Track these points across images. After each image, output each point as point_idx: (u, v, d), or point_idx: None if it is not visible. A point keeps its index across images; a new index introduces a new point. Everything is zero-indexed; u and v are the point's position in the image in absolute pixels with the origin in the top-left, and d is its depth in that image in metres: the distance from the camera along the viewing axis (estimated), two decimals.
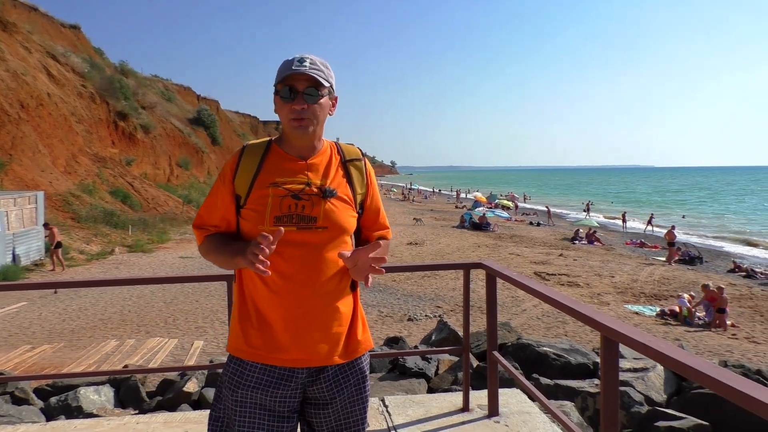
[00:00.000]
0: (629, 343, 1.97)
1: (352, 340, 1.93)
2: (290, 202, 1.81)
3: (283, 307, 1.81)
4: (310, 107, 1.79)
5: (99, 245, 22.67)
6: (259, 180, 1.85)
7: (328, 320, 1.85)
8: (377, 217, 2.05)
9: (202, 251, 1.96)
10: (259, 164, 1.87)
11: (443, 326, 8.39)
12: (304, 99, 1.77)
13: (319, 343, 1.83)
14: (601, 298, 15.04)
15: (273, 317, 1.81)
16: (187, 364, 8.92)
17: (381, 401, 3.78)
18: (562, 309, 2.52)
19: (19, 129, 25.97)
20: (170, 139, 47.74)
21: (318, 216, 1.82)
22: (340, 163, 1.94)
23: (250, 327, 1.84)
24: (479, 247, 24.24)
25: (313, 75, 1.77)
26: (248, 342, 1.84)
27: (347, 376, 1.90)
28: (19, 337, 11.01)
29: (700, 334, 12.11)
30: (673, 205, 65.43)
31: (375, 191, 2.03)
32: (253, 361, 1.82)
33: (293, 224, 1.80)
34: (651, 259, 23.59)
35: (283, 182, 1.84)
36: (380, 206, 2.06)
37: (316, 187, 1.84)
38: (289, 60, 1.81)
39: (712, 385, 1.56)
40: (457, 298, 14.28)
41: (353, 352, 1.92)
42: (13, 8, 37.83)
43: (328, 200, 1.84)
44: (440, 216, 42.92)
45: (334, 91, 1.89)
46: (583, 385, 6.01)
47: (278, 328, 1.81)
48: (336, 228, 1.84)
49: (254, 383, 1.80)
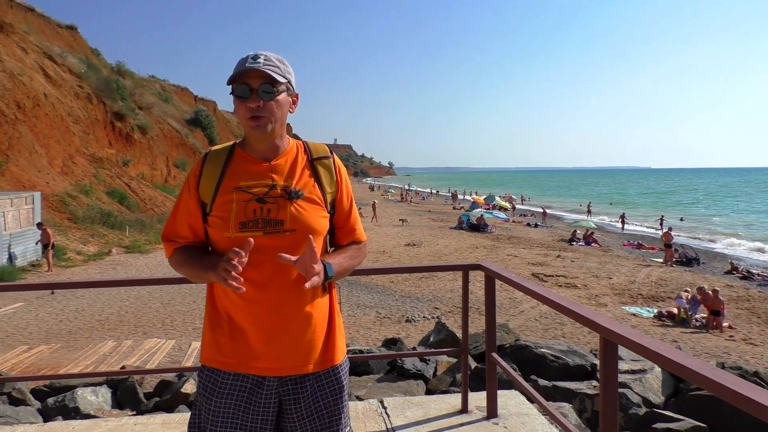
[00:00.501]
0: (628, 345, 1.97)
1: (328, 348, 1.86)
2: (255, 206, 1.75)
3: (253, 314, 1.76)
4: (267, 105, 1.72)
5: (96, 246, 22.63)
6: (223, 185, 1.79)
7: (300, 327, 1.79)
8: (349, 217, 1.96)
9: (172, 264, 1.89)
10: (222, 169, 1.81)
11: (441, 328, 8.39)
12: (259, 96, 1.71)
13: (291, 351, 1.78)
14: (598, 300, 15.07)
15: (244, 325, 1.77)
16: (184, 365, 8.90)
17: (380, 403, 3.78)
18: (561, 310, 2.53)
19: (15, 129, 25.90)
20: (167, 139, 47.67)
21: (285, 219, 1.76)
22: (308, 162, 1.87)
23: (221, 335, 1.80)
24: (477, 249, 24.27)
25: (268, 71, 1.70)
26: (220, 351, 1.79)
27: (323, 385, 1.84)
28: (15, 337, 10.99)
29: (697, 335, 12.14)
30: (670, 206, 65.57)
31: (346, 189, 1.95)
32: (226, 370, 1.78)
33: (259, 229, 1.74)
34: (648, 261, 23.63)
35: (247, 186, 1.78)
36: (353, 205, 1.99)
37: (281, 189, 1.78)
38: (243, 58, 1.75)
39: (710, 387, 1.57)
40: (455, 300, 14.28)
41: (329, 360, 1.86)
42: (10, 9, 37.76)
43: (294, 202, 1.77)
44: (438, 217, 42.94)
45: (294, 87, 1.83)
46: (581, 387, 6.02)
47: (250, 336, 1.76)
48: (305, 230, 1.76)
49: (227, 391, 1.76)
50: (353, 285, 15.46)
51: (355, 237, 1.99)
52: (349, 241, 1.98)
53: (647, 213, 51.48)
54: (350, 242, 1.98)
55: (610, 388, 2.15)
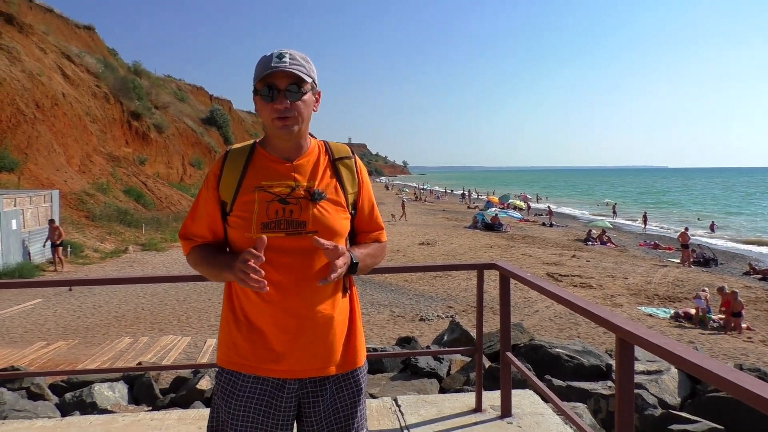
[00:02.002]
0: (645, 345, 1.95)
1: (349, 350, 1.84)
2: (277, 206, 1.73)
3: (274, 316, 1.73)
4: (294, 105, 1.69)
5: (113, 243, 22.87)
6: (244, 185, 1.76)
7: (322, 329, 1.77)
8: (371, 218, 1.94)
9: (189, 262, 1.88)
10: (244, 168, 1.78)
11: (455, 326, 8.38)
12: (286, 97, 1.68)
13: (312, 353, 1.76)
14: (614, 300, 14.95)
15: (264, 327, 1.74)
16: (200, 362, 8.97)
17: (393, 401, 3.78)
18: (576, 310, 2.51)
19: (34, 129, 26.25)
20: (183, 138, 48.05)
21: (307, 220, 1.73)
22: (329, 162, 1.84)
23: (240, 337, 1.77)
24: (491, 248, 24.18)
25: (294, 71, 1.67)
26: (239, 353, 1.77)
27: (341, 388, 1.82)
28: (34, 333, 11.14)
29: (714, 337, 12.00)
30: (690, 205, 64.85)
31: (367, 190, 1.92)
32: (245, 372, 1.76)
33: (281, 230, 1.71)
34: (665, 261, 23.40)
35: (269, 186, 1.75)
36: (374, 205, 1.96)
37: (303, 190, 1.75)
38: (267, 56, 1.71)
39: (728, 388, 1.55)
40: (469, 299, 14.25)
41: (350, 363, 1.84)
42: (29, 10, 38.30)
43: (317, 203, 1.75)
44: (452, 216, 42.84)
45: (317, 86, 1.79)
46: (596, 387, 5.98)
47: (270, 339, 1.74)
48: (327, 232, 1.73)
49: (247, 394, 1.74)
50: (367, 283, 15.47)
51: (376, 238, 1.97)
52: (372, 240, 1.96)
53: (673, 214, 50.84)
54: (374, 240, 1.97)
55: (626, 389, 2.13)
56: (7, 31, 31.23)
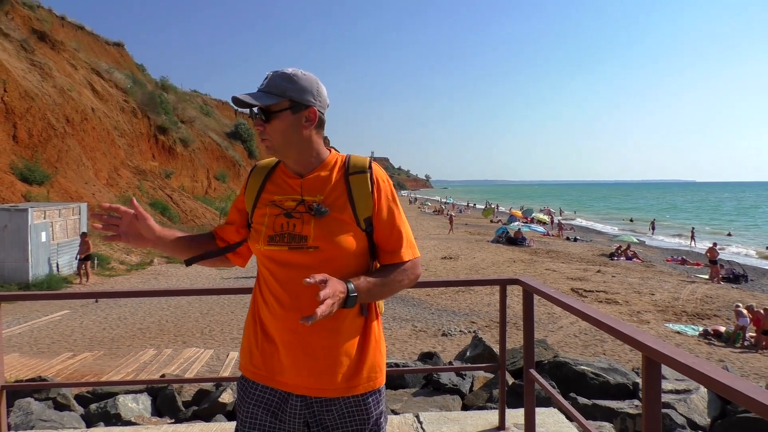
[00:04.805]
0: (673, 365, 1.91)
1: (359, 373, 1.76)
2: (283, 220, 1.75)
3: (280, 330, 1.74)
4: (267, 128, 1.72)
5: (139, 256, 23.19)
6: (261, 199, 1.83)
7: (324, 348, 1.72)
8: (390, 234, 1.79)
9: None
10: (262, 183, 1.85)
11: (478, 342, 8.30)
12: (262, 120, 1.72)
13: (313, 371, 1.72)
14: (640, 317, 14.68)
15: (275, 339, 1.76)
16: (222, 374, 9.01)
17: (415, 417, 3.75)
18: (602, 327, 2.47)
19: (64, 143, 26.86)
20: (208, 152, 48.70)
21: (308, 235, 1.71)
22: (342, 177, 1.79)
23: (254, 346, 1.81)
24: (514, 263, 23.97)
25: (255, 98, 1.68)
26: (252, 361, 1.81)
27: (347, 414, 1.75)
28: (61, 344, 11.31)
29: (745, 355, 11.71)
30: (717, 221, 63.67)
31: (387, 205, 1.79)
32: (256, 381, 1.80)
33: (285, 244, 1.72)
34: (693, 277, 22.95)
35: (279, 200, 1.79)
36: (396, 220, 1.80)
37: (307, 205, 1.75)
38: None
39: (759, 410, 1.51)
40: (492, 314, 14.12)
41: (359, 387, 1.76)
42: (61, 27, 39.40)
43: (320, 218, 1.72)
44: (475, 230, 42.63)
45: (308, 103, 1.73)
46: (623, 406, 5.86)
47: (279, 351, 1.75)
48: (330, 248, 1.70)
49: (255, 401, 1.78)
50: (389, 298, 15.37)
51: (397, 257, 1.79)
52: (390, 261, 1.80)
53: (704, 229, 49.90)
54: (392, 263, 1.80)
55: (654, 409, 2.08)
56: (40, 48, 32.10)
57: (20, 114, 24.83)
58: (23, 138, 24.71)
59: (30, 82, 27.26)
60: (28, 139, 24.95)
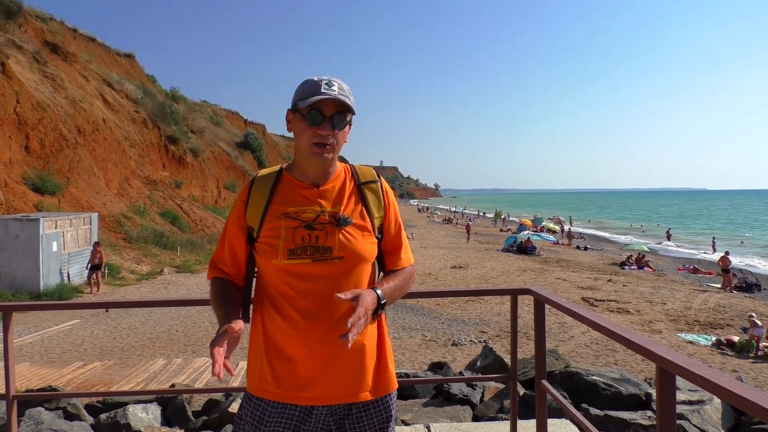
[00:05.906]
0: (686, 376, 1.88)
1: (380, 376, 1.82)
2: (304, 233, 1.72)
3: (302, 343, 1.72)
4: (335, 134, 1.71)
5: (149, 265, 23.28)
6: (270, 211, 1.77)
7: (351, 356, 1.75)
8: (397, 241, 1.90)
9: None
10: (270, 194, 1.79)
11: (489, 352, 8.24)
12: (331, 125, 1.70)
13: (341, 379, 1.75)
14: (652, 326, 14.55)
15: (293, 354, 1.74)
16: (231, 385, 8.99)
17: (426, 428, 3.73)
18: (614, 338, 2.44)
19: (76, 153, 27.10)
20: (218, 162, 48.96)
21: (333, 246, 1.71)
22: (355, 187, 1.84)
23: (268, 364, 1.77)
24: (524, 272, 23.86)
25: (343, 101, 1.69)
26: (267, 380, 1.77)
27: (371, 415, 1.79)
28: (71, 353, 11.35)
29: (759, 365, 11.56)
30: (731, 229, 63.14)
31: (394, 214, 1.89)
32: (273, 400, 1.75)
33: (308, 256, 1.70)
34: (705, 286, 22.74)
35: (296, 212, 1.75)
36: (401, 229, 1.93)
37: (329, 215, 1.75)
38: (314, 81, 1.72)
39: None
40: (502, 324, 14.04)
41: (380, 390, 1.81)
42: (73, 39, 39.91)
43: (342, 228, 1.73)
44: (484, 239, 42.50)
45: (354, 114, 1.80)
46: (635, 417, 5.79)
47: (299, 366, 1.73)
48: (353, 257, 1.73)
49: (275, 419, 1.74)
50: (399, 307, 15.37)
51: (403, 262, 1.91)
52: (398, 266, 1.90)
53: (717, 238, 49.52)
54: (399, 268, 1.90)
55: (668, 420, 2.05)
56: (52, 59, 32.49)
57: (32, 125, 25.10)
58: (35, 148, 24.96)
59: (42, 94, 27.57)
60: (40, 149, 25.20)
